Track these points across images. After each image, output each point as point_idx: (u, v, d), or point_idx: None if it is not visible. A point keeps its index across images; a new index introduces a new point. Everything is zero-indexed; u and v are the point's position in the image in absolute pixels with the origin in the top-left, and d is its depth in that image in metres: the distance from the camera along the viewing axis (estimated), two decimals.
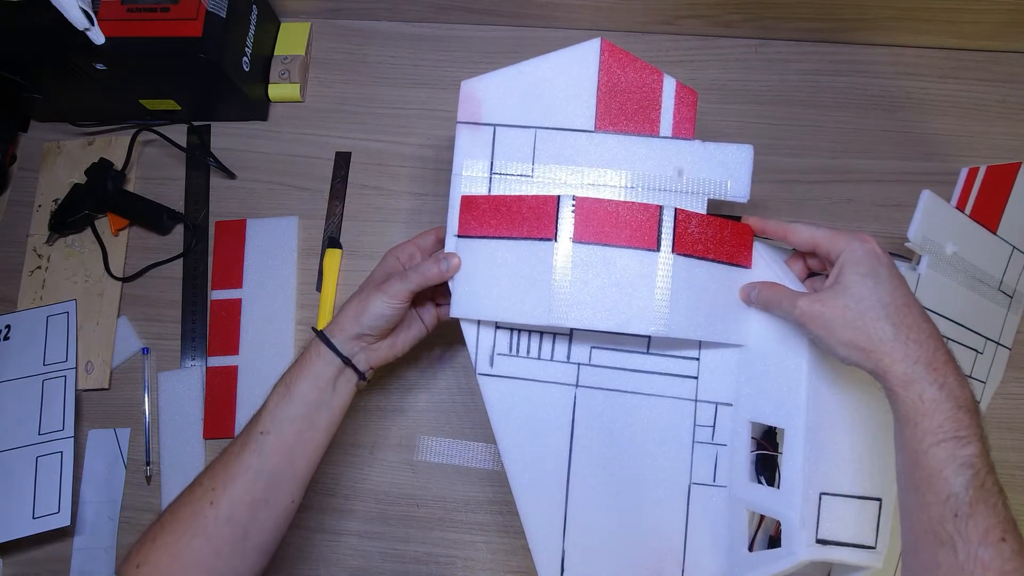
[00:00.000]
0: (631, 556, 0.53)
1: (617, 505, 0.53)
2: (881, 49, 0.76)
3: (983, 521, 0.39)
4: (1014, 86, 0.75)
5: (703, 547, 0.52)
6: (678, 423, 0.53)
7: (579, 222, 0.50)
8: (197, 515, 0.48)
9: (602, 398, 0.53)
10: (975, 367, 0.62)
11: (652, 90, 0.54)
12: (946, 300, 0.57)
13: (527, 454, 0.53)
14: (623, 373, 0.53)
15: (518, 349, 0.54)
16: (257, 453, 0.50)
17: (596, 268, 0.50)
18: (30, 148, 0.80)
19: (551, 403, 0.53)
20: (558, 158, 0.54)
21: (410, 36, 0.80)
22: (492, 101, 0.55)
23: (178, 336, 0.72)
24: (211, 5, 0.68)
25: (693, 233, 0.51)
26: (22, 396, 0.68)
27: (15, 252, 0.76)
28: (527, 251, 0.51)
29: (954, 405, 0.41)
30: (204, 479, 0.50)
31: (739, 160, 0.53)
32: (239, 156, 0.77)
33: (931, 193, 0.54)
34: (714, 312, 0.52)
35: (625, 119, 0.54)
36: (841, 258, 0.47)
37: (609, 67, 0.54)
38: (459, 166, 0.55)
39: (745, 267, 0.53)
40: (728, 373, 0.53)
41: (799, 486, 0.47)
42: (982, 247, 0.59)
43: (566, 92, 0.54)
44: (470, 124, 0.55)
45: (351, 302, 0.54)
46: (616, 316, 0.50)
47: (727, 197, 0.53)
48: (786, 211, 0.72)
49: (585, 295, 0.50)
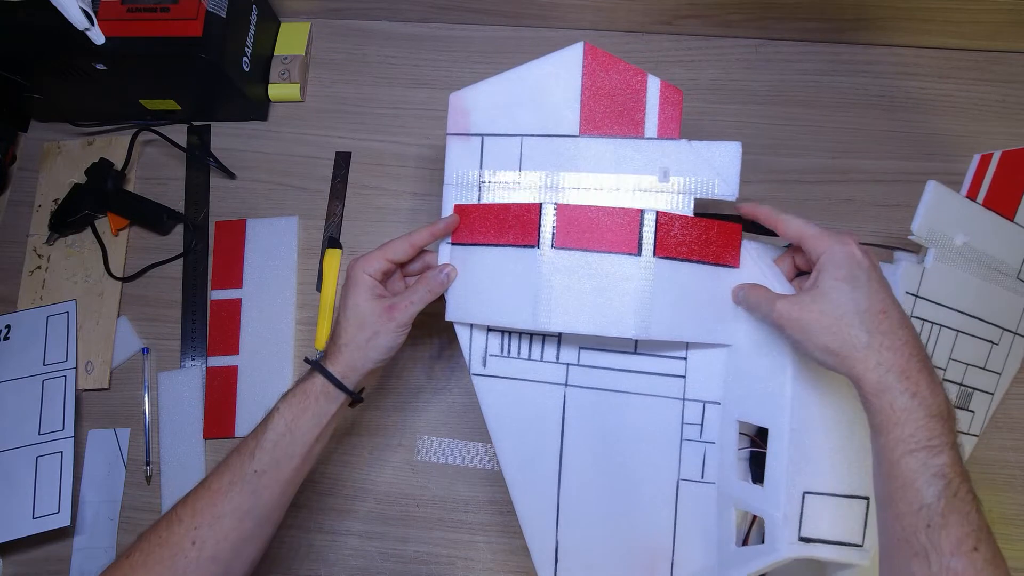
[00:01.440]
0: (624, 549, 0.53)
1: (608, 500, 0.54)
2: (881, 49, 0.76)
3: (956, 531, 0.39)
4: (1014, 86, 0.75)
5: (692, 542, 0.53)
6: (666, 421, 0.54)
7: (560, 228, 0.51)
8: (177, 556, 0.46)
9: (591, 397, 0.54)
10: (990, 358, 0.61)
11: (636, 91, 0.54)
12: (957, 293, 0.57)
13: (520, 451, 0.54)
14: (611, 373, 0.54)
15: (509, 350, 0.55)
16: (251, 493, 0.48)
17: (578, 273, 0.51)
18: (30, 148, 0.80)
19: (542, 402, 0.54)
20: (544, 164, 0.54)
21: (410, 36, 0.80)
22: (480, 111, 0.56)
23: (178, 336, 0.72)
24: (211, 5, 0.68)
25: (676, 235, 0.51)
26: (22, 396, 0.68)
27: (15, 252, 0.76)
28: (513, 258, 0.52)
29: (926, 414, 0.41)
30: (185, 515, 0.48)
31: (727, 158, 0.53)
32: (239, 156, 0.77)
33: (937, 183, 0.53)
34: (699, 313, 0.52)
35: (610, 122, 0.54)
36: (821, 260, 0.47)
37: (592, 70, 0.54)
38: (450, 176, 0.56)
39: (732, 267, 0.53)
40: (716, 372, 0.54)
41: (782, 485, 0.48)
42: (998, 235, 0.58)
43: (551, 97, 0.54)
44: (459, 136, 0.56)
45: (349, 329, 0.52)
46: (598, 320, 0.51)
47: (716, 196, 0.53)
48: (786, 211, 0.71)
49: (568, 300, 0.51)
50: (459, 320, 0.55)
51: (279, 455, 0.50)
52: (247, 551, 0.49)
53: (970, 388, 0.60)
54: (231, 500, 0.48)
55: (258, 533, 0.50)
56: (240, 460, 0.49)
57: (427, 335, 0.70)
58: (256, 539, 0.50)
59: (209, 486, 0.49)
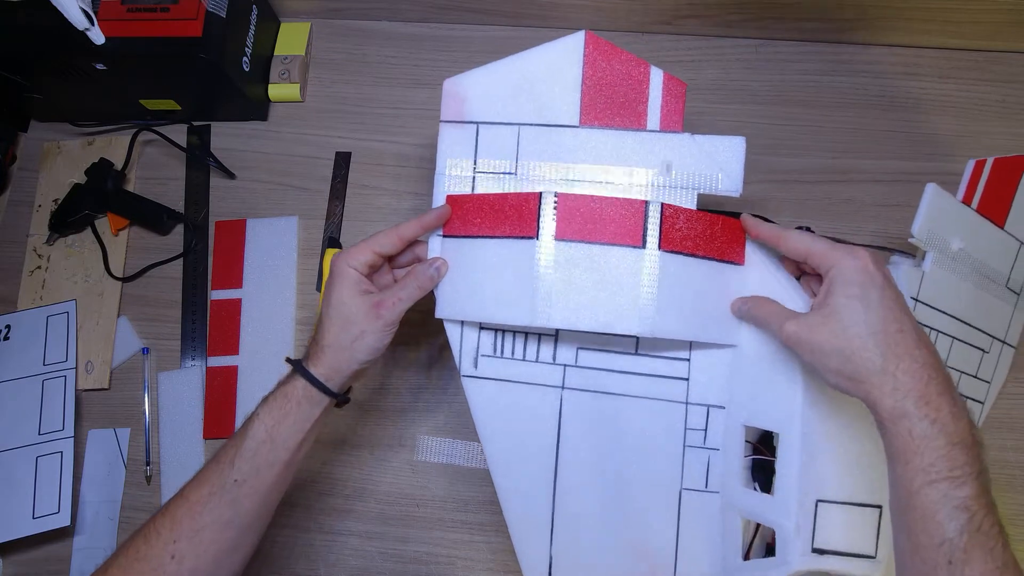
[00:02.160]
0: (622, 564, 0.51)
1: (606, 510, 0.51)
2: (881, 49, 0.76)
3: (979, 567, 0.37)
4: (1014, 86, 0.75)
5: (695, 555, 0.51)
6: (668, 426, 0.51)
7: (561, 219, 0.48)
8: (157, 571, 0.45)
9: (589, 400, 0.52)
10: (981, 367, 0.60)
11: (639, 82, 0.52)
12: (953, 298, 0.56)
13: (513, 458, 0.52)
14: (611, 375, 0.52)
15: (502, 350, 0.52)
16: (231, 504, 0.47)
17: (580, 266, 0.48)
18: (30, 148, 0.80)
19: (537, 406, 0.52)
20: (542, 154, 0.52)
21: (410, 36, 0.80)
22: (475, 98, 0.53)
23: (178, 336, 0.72)
24: (211, 5, 0.68)
25: (681, 229, 0.49)
26: (22, 396, 0.68)
27: (15, 252, 0.76)
28: (510, 250, 0.49)
29: (947, 442, 0.38)
30: (163, 527, 0.46)
31: (730, 153, 0.51)
32: (239, 156, 0.77)
33: (936, 186, 0.52)
34: (704, 311, 0.50)
35: (611, 113, 0.52)
36: (831, 275, 0.44)
37: (594, 60, 0.52)
38: (442, 165, 0.54)
39: (738, 263, 0.51)
40: (720, 375, 0.51)
41: (794, 493, 0.46)
42: (989, 242, 0.58)
43: (550, 86, 0.52)
44: (453, 123, 0.54)
45: (332, 328, 0.50)
46: (601, 316, 0.48)
47: (718, 192, 0.51)
48: (786, 211, 0.72)
49: (569, 294, 0.48)
50: (450, 317, 0.52)
51: (259, 463, 0.48)
52: (229, 562, 0.48)
53: (964, 397, 0.60)
54: (211, 511, 0.46)
55: (240, 543, 0.48)
56: (219, 469, 0.47)
57: (427, 334, 0.70)
58: (238, 549, 0.48)
59: (188, 497, 0.47)
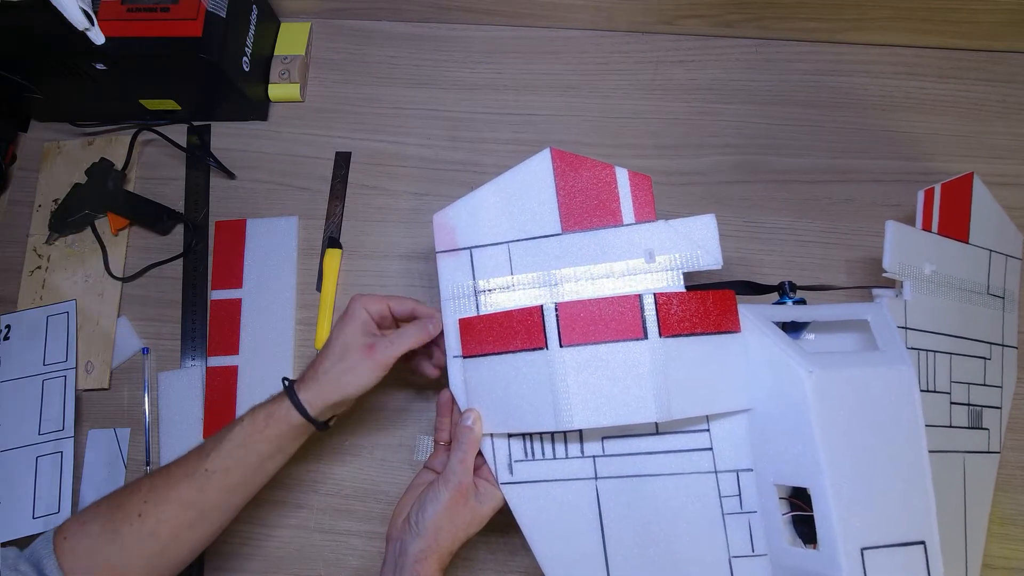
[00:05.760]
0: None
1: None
2: (881, 49, 0.76)
3: None
4: (1014, 86, 0.75)
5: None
6: (703, 497, 0.52)
7: (565, 326, 0.51)
8: (123, 521, 0.50)
9: (624, 486, 0.53)
10: (987, 373, 0.62)
11: (607, 183, 0.55)
12: (941, 318, 0.58)
13: (564, 554, 0.53)
14: (638, 458, 0.53)
15: (533, 453, 0.54)
16: (198, 489, 0.51)
17: (590, 367, 0.51)
18: (30, 148, 0.80)
19: (574, 500, 0.53)
20: (534, 265, 0.55)
21: (410, 36, 0.80)
22: (464, 226, 0.57)
23: (178, 336, 0.72)
24: (211, 5, 0.68)
25: (676, 313, 0.51)
26: (22, 396, 0.68)
27: (15, 252, 0.76)
28: (524, 362, 0.52)
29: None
30: (143, 487, 0.51)
31: (705, 231, 0.54)
32: (239, 156, 0.77)
33: (895, 222, 0.56)
34: (714, 383, 0.52)
35: (588, 215, 0.55)
36: None
37: (563, 172, 0.55)
38: (446, 291, 0.57)
39: (735, 331, 0.53)
40: (741, 438, 0.53)
41: (839, 544, 0.46)
42: (960, 259, 0.61)
43: (529, 202, 0.56)
44: (448, 252, 0.57)
45: (330, 358, 0.54)
46: (618, 410, 0.50)
47: (701, 268, 0.54)
48: (786, 211, 0.72)
49: (586, 395, 0.50)
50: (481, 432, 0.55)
51: (230, 463, 0.52)
52: (188, 537, 0.52)
53: (979, 406, 0.61)
54: (179, 489, 0.51)
55: (200, 524, 0.52)
56: (198, 455, 0.53)
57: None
58: (197, 528, 0.52)
59: (169, 470, 0.52)
